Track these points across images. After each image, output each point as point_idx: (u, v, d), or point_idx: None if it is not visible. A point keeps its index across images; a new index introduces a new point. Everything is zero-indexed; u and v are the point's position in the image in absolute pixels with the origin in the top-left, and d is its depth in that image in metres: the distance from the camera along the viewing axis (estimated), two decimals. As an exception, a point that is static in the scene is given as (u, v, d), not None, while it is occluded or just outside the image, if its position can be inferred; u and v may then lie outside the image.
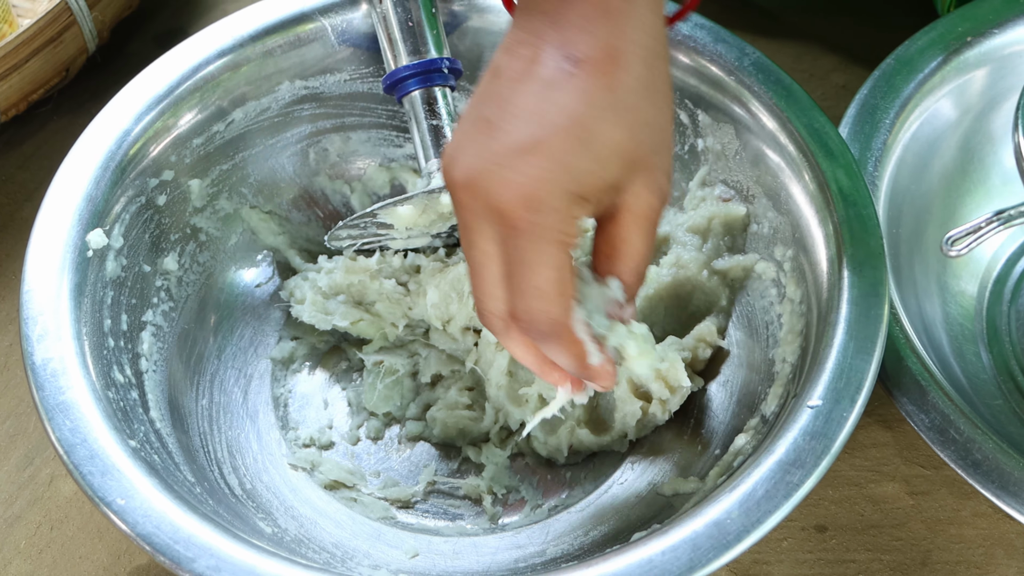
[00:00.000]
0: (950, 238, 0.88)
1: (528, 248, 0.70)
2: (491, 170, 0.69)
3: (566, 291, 0.72)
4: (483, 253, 0.72)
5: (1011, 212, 0.87)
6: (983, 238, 0.87)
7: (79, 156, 0.94)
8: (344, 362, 1.04)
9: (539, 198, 0.69)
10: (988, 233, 0.87)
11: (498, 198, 0.69)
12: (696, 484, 0.90)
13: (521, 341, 0.77)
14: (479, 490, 0.97)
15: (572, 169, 0.69)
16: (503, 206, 0.69)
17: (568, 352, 0.76)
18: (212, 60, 1.00)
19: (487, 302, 0.74)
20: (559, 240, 0.70)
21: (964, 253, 0.87)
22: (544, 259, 0.70)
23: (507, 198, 0.69)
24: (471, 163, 0.70)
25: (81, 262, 0.90)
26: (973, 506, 0.96)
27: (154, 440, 0.88)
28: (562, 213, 0.69)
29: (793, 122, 0.96)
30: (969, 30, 1.06)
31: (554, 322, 0.73)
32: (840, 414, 0.82)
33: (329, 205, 1.08)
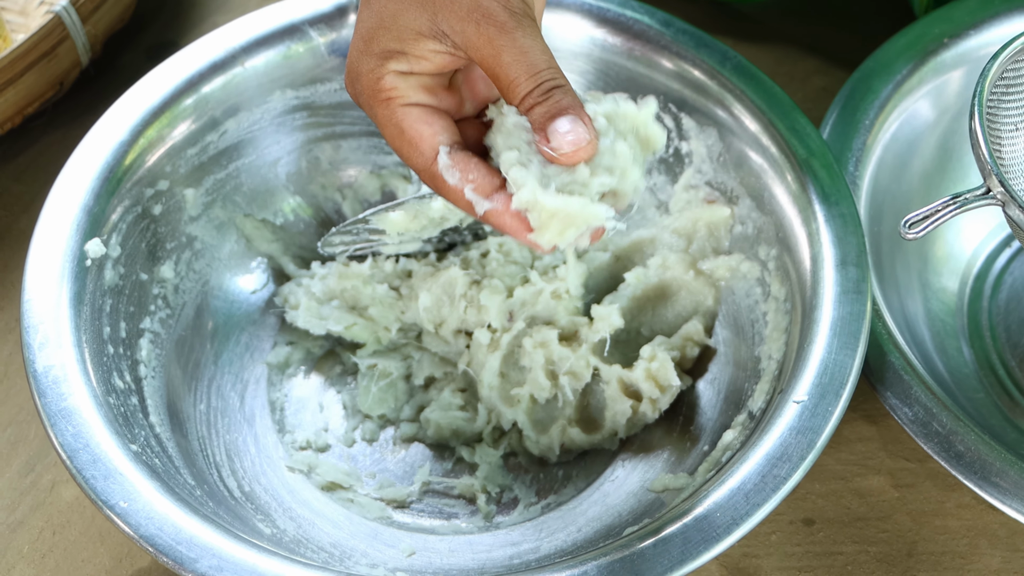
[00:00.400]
0: (907, 220, 0.90)
1: (371, 113, 0.82)
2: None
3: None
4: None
5: (967, 196, 0.89)
6: (939, 221, 0.89)
7: (76, 168, 0.95)
8: (339, 366, 1.05)
9: (351, 70, 0.82)
10: (944, 216, 0.89)
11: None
12: (685, 480, 0.92)
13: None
14: (473, 489, 0.98)
15: (367, 35, 0.81)
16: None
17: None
18: (205, 72, 1.01)
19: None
20: (376, 97, 0.80)
21: (920, 235, 0.89)
22: (379, 119, 0.81)
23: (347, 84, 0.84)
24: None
25: (80, 271, 0.91)
26: (957, 498, 0.97)
27: (154, 444, 0.90)
28: (368, 75, 0.80)
29: (775, 124, 0.98)
30: (945, 31, 1.08)
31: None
32: (825, 409, 0.85)
33: (321, 212, 1.09)
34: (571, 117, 0.76)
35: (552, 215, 0.76)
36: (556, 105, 0.76)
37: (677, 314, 1.02)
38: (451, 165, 0.79)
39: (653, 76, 1.03)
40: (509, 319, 1.00)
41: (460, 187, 0.78)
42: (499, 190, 0.78)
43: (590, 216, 0.77)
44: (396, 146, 0.81)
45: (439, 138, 0.80)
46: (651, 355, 0.97)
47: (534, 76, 0.76)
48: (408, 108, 0.80)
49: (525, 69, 0.76)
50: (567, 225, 0.77)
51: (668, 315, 1.02)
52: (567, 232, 0.77)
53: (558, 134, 0.76)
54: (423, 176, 0.80)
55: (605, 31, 1.04)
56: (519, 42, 0.76)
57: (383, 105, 0.80)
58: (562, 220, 0.76)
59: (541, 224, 0.77)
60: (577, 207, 0.76)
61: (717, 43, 1.02)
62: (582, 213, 0.77)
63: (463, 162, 0.79)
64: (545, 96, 0.76)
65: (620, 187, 0.78)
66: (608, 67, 1.05)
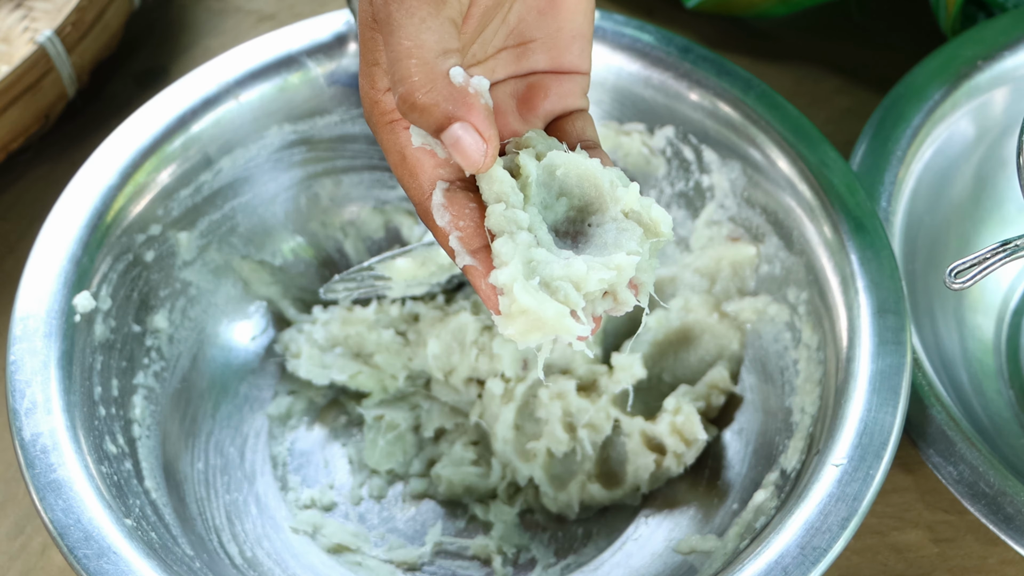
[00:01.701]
0: (954, 269, 0.84)
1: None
2: None
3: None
4: None
5: (1017, 243, 0.84)
6: (988, 270, 0.84)
7: (61, 216, 0.91)
8: (343, 416, 1.01)
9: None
10: (994, 265, 0.84)
11: None
12: (715, 542, 0.87)
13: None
14: (488, 550, 0.94)
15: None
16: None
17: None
18: (196, 108, 0.97)
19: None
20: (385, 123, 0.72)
21: (968, 285, 0.84)
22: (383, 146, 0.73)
23: None
24: None
25: (68, 328, 0.87)
26: (1000, 553, 0.93)
27: (150, 514, 0.85)
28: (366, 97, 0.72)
29: (803, 158, 0.93)
30: (978, 53, 1.03)
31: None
32: (866, 472, 0.80)
33: (323, 252, 1.04)
34: (456, 127, 0.67)
35: (522, 312, 0.67)
36: (429, 119, 0.67)
37: (700, 359, 0.98)
38: (444, 205, 0.70)
39: (672, 106, 0.98)
40: (523, 368, 0.95)
41: (447, 232, 0.70)
42: (486, 248, 0.71)
43: (560, 328, 0.67)
44: (398, 174, 0.72)
45: (439, 171, 0.71)
46: (676, 407, 0.92)
47: (396, 82, 0.67)
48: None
49: (389, 62, 0.68)
50: (534, 328, 0.68)
51: (691, 360, 0.98)
52: (531, 335, 0.68)
53: (451, 152, 0.67)
54: (418, 210, 0.72)
55: (621, 57, 1.00)
56: (393, 19, 0.67)
57: (387, 128, 0.71)
58: (530, 321, 0.67)
59: (509, 314, 0.68)
60: (551, 315, 0.67)
61: (739, 70, 0.97)
62: (553, 324, 0.67)
63: (458, 205, 0.70)
64: (411, 110, 0.67)
65: (618, 286, 0.70)
66: (624, 96, 1.00)
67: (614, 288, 0.69)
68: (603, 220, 0.71)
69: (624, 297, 0.70)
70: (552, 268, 0.68)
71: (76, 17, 1.09)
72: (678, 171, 1.00)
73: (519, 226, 0.68)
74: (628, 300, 0.70)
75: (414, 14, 0.67)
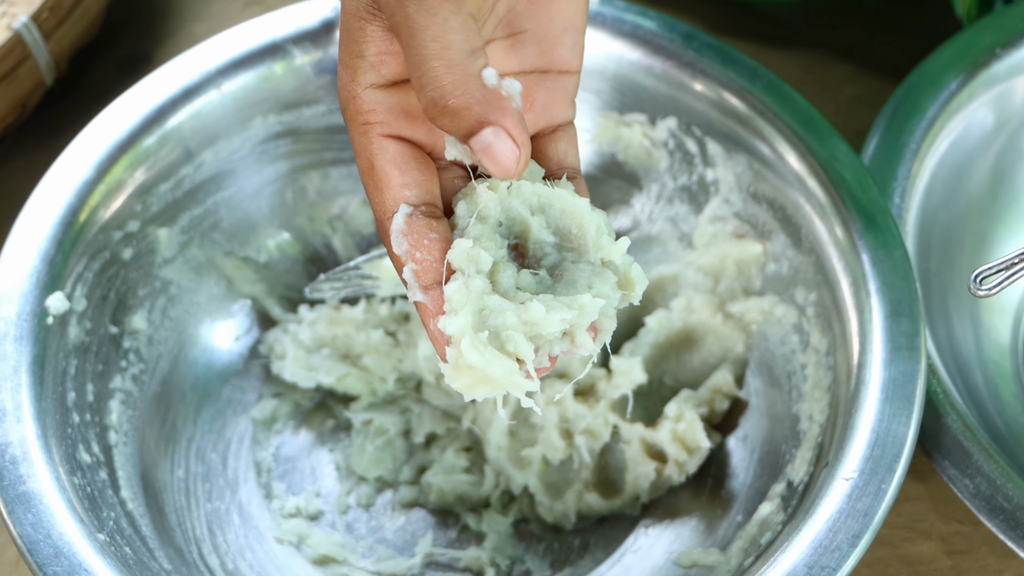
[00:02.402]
0: (979, 275, 0.80)
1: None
2: None
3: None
4: None
5: (1048, 248, 0.80)
6: (1017, 275, 0.80)
7: (34, 213, 0.87)
8: (331, 420, 0.98)
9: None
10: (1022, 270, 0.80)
11: None
12: (718, 557, 0.84)
13: None
14: (481, 562, 0.91)
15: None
16: None
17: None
18: (176, 99, 0.93)
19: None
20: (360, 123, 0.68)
21: (995, 292, 0.80)
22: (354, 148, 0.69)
23: None
24: None
25: (40, 331, 0.84)
26: (1017, 566, 0.90)
27: (126, 526, 0.82)
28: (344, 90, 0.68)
29: (812, 152, 0.89)
30: (997, 40, 0.99)
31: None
32: (878, 487, 0.77)
33: (310, 248, 1.01)
34: (488, 131, 0.63)
35: (469, 368, 0.64)
36: (461, 124, 0.63)
37: (704, 362, 0.95)
38: (404, 232, 0.66)
39: (675, 96, 0.95)
40: (519, 371, 0.91)
41: (403, 261, 0.66)
42: (439, 285, 0.66)
43: (508, 385, 0.64)
44: (364, 182, 0.68)
45: (406, 192, 0.67)
46: (677, 414, 0.90)
47: (425, 87, 0.64)
48: (386, 141, 0.68)
49: (413, 62, 0.63)
50: (480, 383, 0.64)
51: (694, 363, 0.95)
52: (478, 390, 0.64)
53: (480, 157, 0.63)
54: (377, 226, 0.68)
55: (622, 45, 0.96)
56: (411, 19, 0.63)
57: (361, 131, 0.68)
58: (477, 377, 0.64)
59: (455, 367, 0.64)
60: (499, 374, 0.63)
61: (745, 58, 0.93)
62: (501, 381, 0.64)
63: (417, 234, 0.66)
64: (441, 113, 0.63)
65: (577, 328, 0.66)
66: (625, 85, 0.96)
67: (573, 330, 0.65)
68: (579, 260, 0.68)
69: (581, 341, 0.66)
70: (505, 317, 0.64)
71: (54, 2, 1.05)
72: (681, 164, 0.96)
73: (479, 268, 0.64)
74: (585, 344, 0.66)
75: (436, 13, 0.63)
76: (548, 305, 0.64)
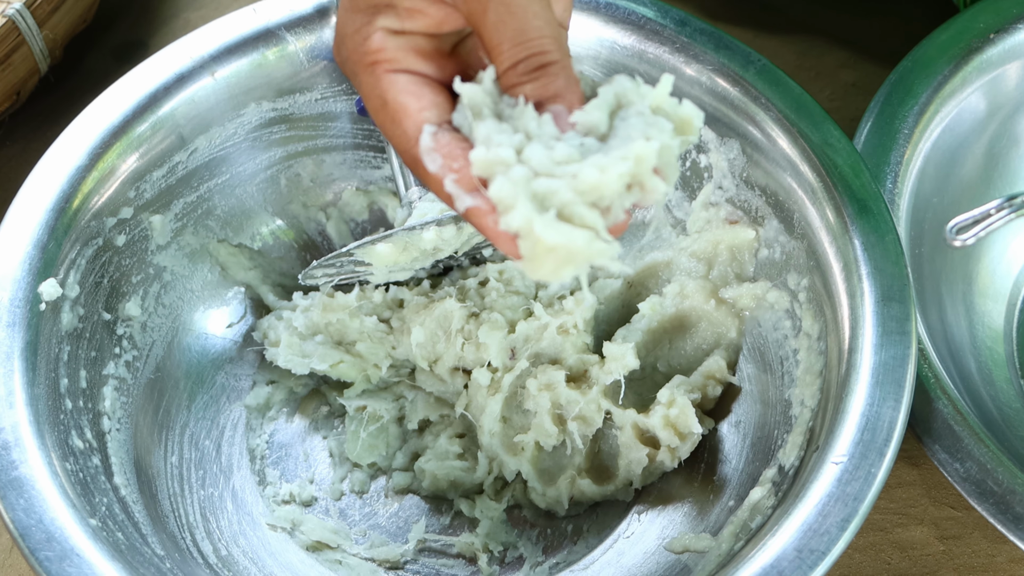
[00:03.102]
0: (954, 225, 0.81)
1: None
2: None
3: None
4: None
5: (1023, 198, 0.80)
6: (992, 226, 0.81)
7: (27, 199, 0.88)
8: (324, 407, 0.98)
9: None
10: (997, 221, 0.81)
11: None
12: (709, 542, 0.84)
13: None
14: (474, 548, 0.91)
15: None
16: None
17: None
18: (170, 85, 0.93)
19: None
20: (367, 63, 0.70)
21: (970, 242, 0.81)
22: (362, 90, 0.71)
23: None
24: None
25: (33, 317, 0.84)
26: (1009, 551, 0.90)
27: (118, 512, 0.83)
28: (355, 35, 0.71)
29: (805, 137, 0.89)
30: (991, 25, 0.99)
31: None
32: (868, 471, 0.77)
33: (304, 235, 1.01)
34: (559, 107, 0.64)
35: (550, 250, 0.62)
36: (544, 89, 0.65)
37: (697, 347, 0.95)
38: (433, 148, 0.66)
39: (668, 82, 0.94)
40: (511, 357, 0.93)
41: (441, 176, 0.66)
42: (486, 186, 0.65)
43: (595, 254, 0.63)
44: (379, 121, 0.69)
45: (425, 114, 0.68)
46: (670, 399, 0.89)
47: (521, 44, 0.65)
48: (395, 75, 0.69)
49: (511, 34, 0.65)
50: (566, 262, 0.63)
51: (687, 348, 0.95)
52: (565, 270, 0.63)
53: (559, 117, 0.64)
54: (404, 158, 0.69)
55: (615, 30, 0.96)
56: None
57: (367, 71, 0.69)
58: (561, 257, 0.63)
59: (534, 256, 0.63)
60: (582, 244, 0.62)
61: (739, 44, 0.93)
62: (586, 251, 0.63)
63: (449, 146, 0.66)
64: (532, 75, 0.65)
65: (643, 175, 0.64)
66: (618, 70, 0.96)
67: (639, 178, 0.64)
68: (628, 115, 0.66)
69: (652, 184, 0.64)
70: (560, 195, 0.63)
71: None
72: (675, 150, 0.95)
73: (506, 164, 0.63)
74: (656, 187, 0.64)
75: None
76: (601, 165, 0.63)
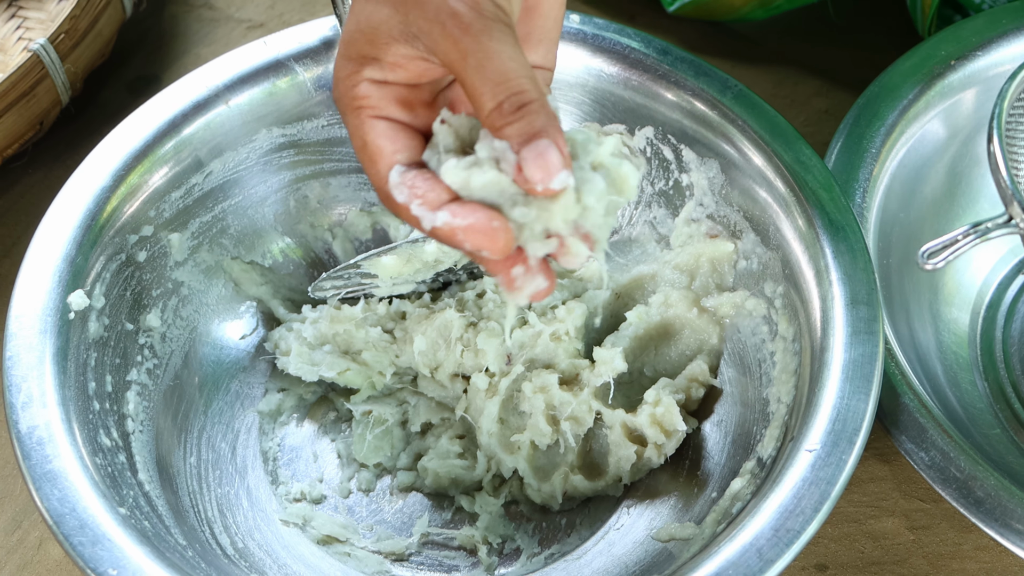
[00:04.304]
0: (925, 251, 0.87)
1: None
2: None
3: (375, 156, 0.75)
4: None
5: (988, 224, 0.86)
6: (959, 251, 0.86)
7: (57, 217, 0.92)
8: (332, 412, 1.02)
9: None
10: (964, 246, 0.86)
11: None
12: (693, 530, 0.89)
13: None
14: (474, 540, 0.95)
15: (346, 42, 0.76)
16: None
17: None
18: (187, 112, 0.99)
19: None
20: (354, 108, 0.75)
21: (940, 266, 0.86)
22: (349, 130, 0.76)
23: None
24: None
25: (63, 325, 0.89)
26: (975, 539, 0.94)
27: (143, 504, 0.87)
28: (346, 80, 0.75)
29: (779, 156, 0.94)
30: (952, 53, 1.05)
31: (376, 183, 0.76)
32: (839, 457, 0.82)
33: (311, 253, 1.06)
34: (545, 141, 0.69)
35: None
36: (529, 126, 0.69)
37: (681, 353, 0.99)
38: (400, 183, 0.73)
39: (651, 106, 1.00)
40: (507, 362, 0.97)
41: (407, 203, 0.72)
42: (449, 202, 0.71)
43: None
44: (360, 159, 0.76)
45: (397, 156, 0.74)
46: (656, 399, 0.94)
47: (502, 85, 0.69)
48: (376, 121, 0.75)
49: (492, 76, 0.69)
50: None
51: (672, 354, 0.99)
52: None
53: (529, 162, 0.68)
54: (379, 195, 0.75)
55: (601, 60, 1.01)
56: (485, 46, 0.69)
57: (354, 114, 0.75)
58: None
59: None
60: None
61: (717, 71, 0.99)
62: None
63: (414, 179, 0.73)
64: (516, 114, 0.69)
65: (558, 230, 0.70)
66: (604, 97, 1.02)
67: (555, 231, 0.70)
68: (575, 166, 0.71)
69: (572, 245, 0.71)
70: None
71: (69, 26, 1.11)
72: (658, 170, 1.01)
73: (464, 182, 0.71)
74: (578, 250, 0.71)
75: (505, 39, 0.71)
76: (524, 216, 0.69)
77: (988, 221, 0.86)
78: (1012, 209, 0.85)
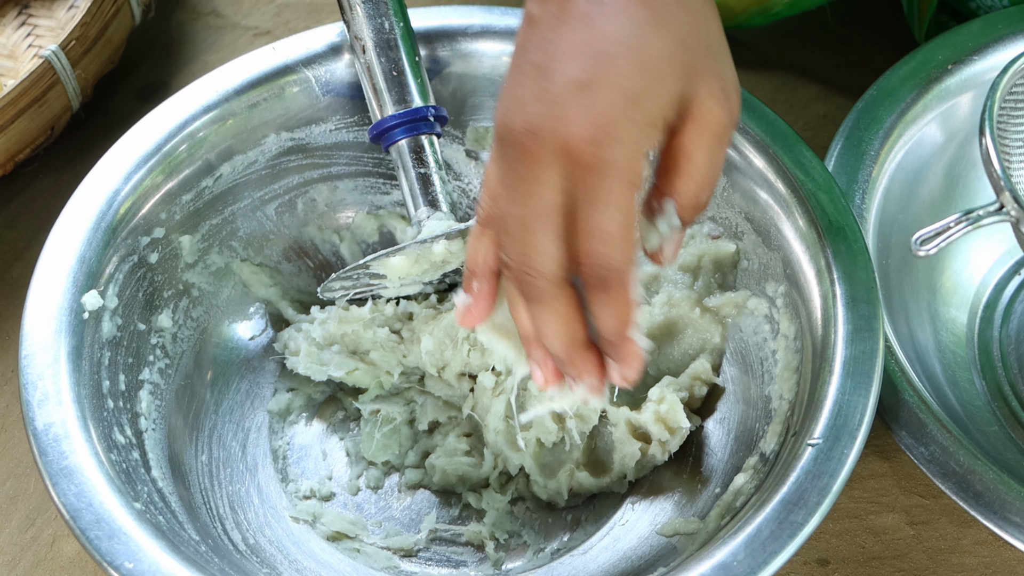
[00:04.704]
0: (919, 237, 0.89)
1: (598, 187, 0.66)
2: (554, 111, 0.66)
3: (630, 238, 0.69)
4: (545, 203, 0.68)
5: (979, 212, 0.88)
6: (951, 237, 0.88)
7: (70, 218, 0.94)
8: (341, 412, 1.04)
9: (608, 131, 0.66)
10: (956, 233, 0.88)
11: (566, 137, 0.66)
12: (697, 525, 0.90)
13: (560, 312, 0.72)
14: (481, 536, 0.97)
15: (633, 94, 0.66)
16: (572, 144, 0.66)
17: (618, 313, 0.71)
18: (198, 116, 1.00)
19: (538, 260, 0.70)
20: (628, 179, 0.67)
21: (932, 252, 0.88)
22: (614, 199, 0.67)
23: (575, 135, 0.66)
24: (532, 108, 0.67)
25: (77, 324, 0.90)
26: (974, 534, 0.96)
27: (157, 500, 0.88)
28: (630, 147, 0.66)
29: (780, 158, 0.96)
30: (949, 57, 1.06)
31: (616, 270, 0.69)
32: (841, 451, 0.83)
33: (319, 255, 1.08)
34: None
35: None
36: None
37: (684, 352, 1.00)
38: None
39: (654, 110, 1.01)
40: (513, 363, 0.98)
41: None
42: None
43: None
44: (615, 232, 0.68)
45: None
46: (659, 397, 0.95)
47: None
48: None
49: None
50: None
51: (675, 353, 1.00)
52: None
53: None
54: (616, 274, 0.70)
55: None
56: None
57: (627, 187, 0.67)
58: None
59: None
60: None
61: (718, 76, 1.00)
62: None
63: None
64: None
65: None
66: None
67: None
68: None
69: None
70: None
71: (79, 33, 1.12)
72: (659, 173, 1.02)
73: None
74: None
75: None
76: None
77: (980, 209, 0.88)
78: (1003, 197, 0.87)
